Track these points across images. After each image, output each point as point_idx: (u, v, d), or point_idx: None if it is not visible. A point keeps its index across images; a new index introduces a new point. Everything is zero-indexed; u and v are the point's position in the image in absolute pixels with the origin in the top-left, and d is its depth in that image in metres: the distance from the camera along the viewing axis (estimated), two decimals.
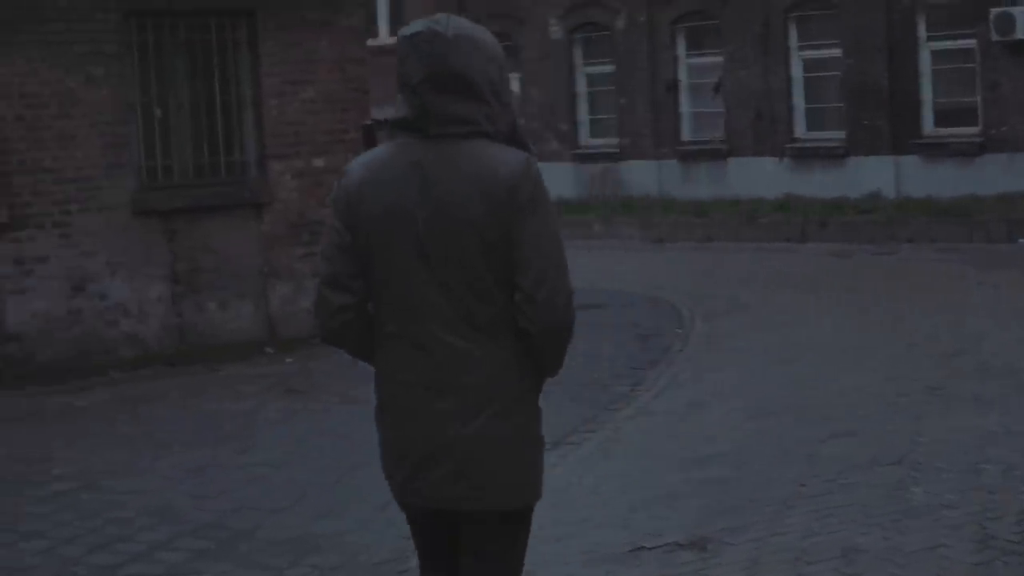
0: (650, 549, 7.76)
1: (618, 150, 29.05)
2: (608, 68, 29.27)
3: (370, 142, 16.18)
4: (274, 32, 15.38)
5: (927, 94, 24.82)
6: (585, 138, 30.01)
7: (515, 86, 30.84)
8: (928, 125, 24.82)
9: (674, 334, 15.51)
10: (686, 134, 28.29)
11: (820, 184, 25.54)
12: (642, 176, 28.36)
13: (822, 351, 13.97)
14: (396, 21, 30.90)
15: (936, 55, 24.74)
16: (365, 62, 16.19)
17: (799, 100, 26.56)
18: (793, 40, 26.48)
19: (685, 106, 28.34)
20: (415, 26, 4.36)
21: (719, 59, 27.45)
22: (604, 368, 13.68)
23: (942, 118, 24.70)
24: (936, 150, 24.50)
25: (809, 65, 26.45)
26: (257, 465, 10.22)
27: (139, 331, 14.46)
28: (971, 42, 24.13)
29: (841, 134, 25.82)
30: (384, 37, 30.02)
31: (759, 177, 26.42)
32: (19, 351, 13.87)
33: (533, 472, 4.45)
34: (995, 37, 23.32)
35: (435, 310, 4.28)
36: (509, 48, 30.92)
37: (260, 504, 9.10)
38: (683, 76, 28.31)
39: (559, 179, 29.30)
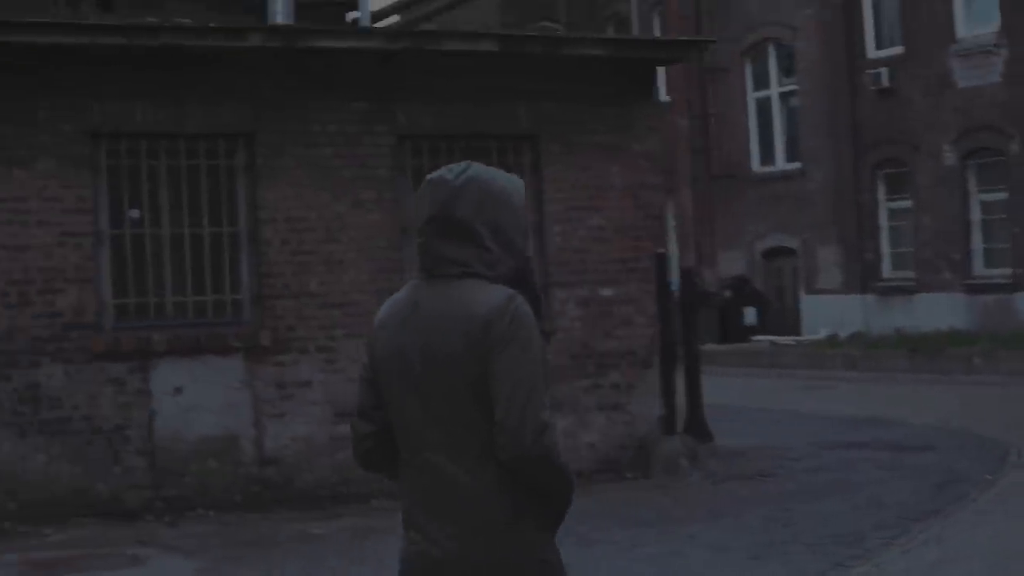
0: None
1: (1011, 281, 27.41)
2: (1002, 195, 27.75)
3: (662, 273, 15.60)
4: (559, 156, 15.03)
5: None
6: (979, 268, 28.47)
7: (906, 215, 29.71)
8: None
9: (983, 481, 14.23)
10: None
11: None
12: None
13: None
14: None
15: None
16: (659, 188, 15.63)
17: None
18: None
19: None
20: (434, 173, 4.65)
21: None
22: (871, 516, 12.62)
23: None
24: None
25: None
26: None
27: None
28: None
29: None
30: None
31: None
32: (278, 475, 13.82)
33: None
34: None
35: (430, 440, 4.53)
36: (903, 175, 29.88)
37: None
38: None
39: (948, 310, 27.96)
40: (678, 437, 15.68)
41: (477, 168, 4.62)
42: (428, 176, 4.65)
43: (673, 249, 26.81)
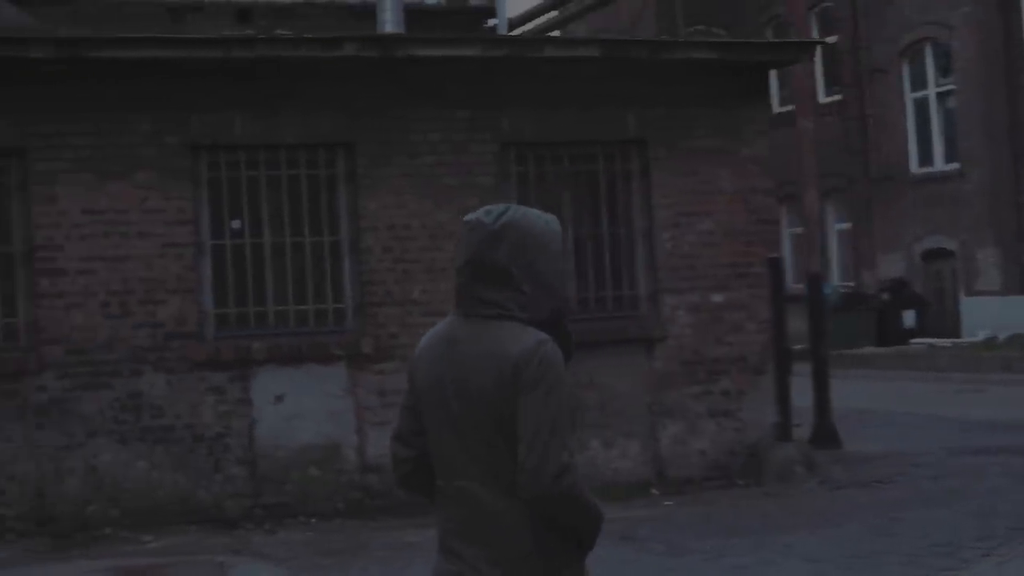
0: None
1: None
2: None
3: (777, 278, 15.33)
4: (667, 161, 14.84)
5: None
6: None
7: None
8: None
9: None
10: None
11: None
12: None
13: None
14: None
15: None
16: (771, 192, 15.37)
17: None
18: None
19: None
20: (472, 214, 4.84)
21: None
22: (979, 525, 12.26)
23: None
24: None
25: None
26: None
27: None
28: None
29: None
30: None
31: None
32: (379, 483, 13.83)
33: None
34: None
35: (465, 469, 4.73)
36: None
37: None
38: None
39: None
40: (793, 444, 15.37)
41: (515, 211, 4.78)
42: (466, 218, 4.82)
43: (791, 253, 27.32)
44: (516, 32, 24.22)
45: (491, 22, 22.34)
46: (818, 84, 34.82)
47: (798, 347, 17.14)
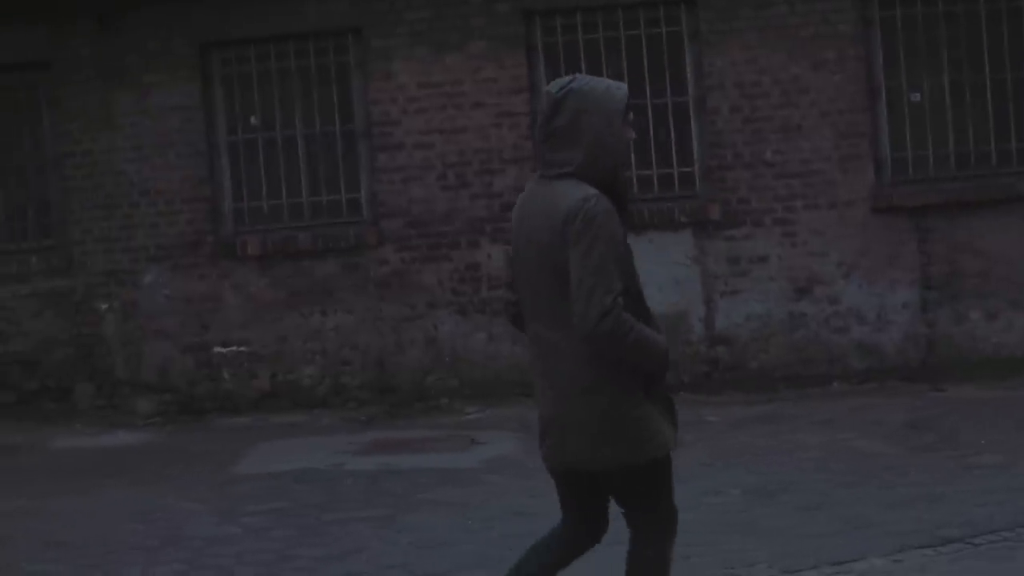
0: None
1: None
2: None
3: None
4: None
5: None
6: None
7: None
8: None
9: None
10: None
11: None
12: None
13: None
14: None
15: None
16: None
17: None
18: None
19: None
20: (548, 85, 5.50)
21: None
22: None
23: None
24: None
25: None
26: None
27: (877, 340, 13.01)
28: None
29: None
30: None
31: None
32: (728, 355, 13.13)
33: (619, 443, 5.22)
34: None
35: (537, 312, 5.34)
36: None
37: None
38: None
39: None
40: None
41: (580, 80, 5.34)
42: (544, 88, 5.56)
43: None
44: None
45: None
46: None
47: None
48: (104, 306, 13.65)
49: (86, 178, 13.71)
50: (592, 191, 5.15)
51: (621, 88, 5.35)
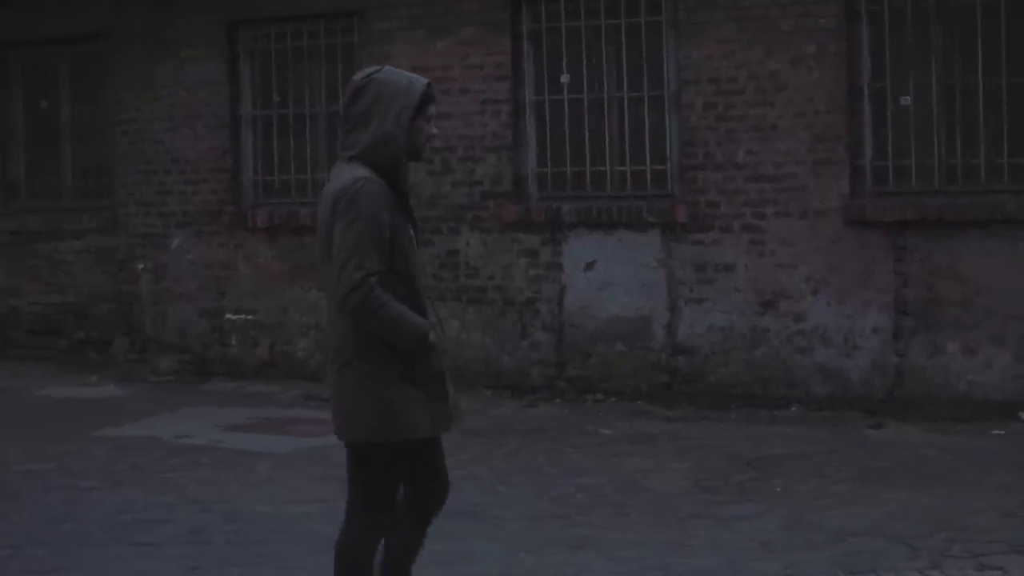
0: None
1: None
2: None
3: None
4: None
5: None
6: None
7: None
8: None
9: None
10: None
11: None
12: None
13: None
14: None
15: None
16: None
17: None
18: None
19: None
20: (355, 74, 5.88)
21: None
22: None
23: None
24: None
25: None
26: None
27: (842, 366, 11.96)
28: None
29: None
30: None
31: None
32: (688, 367, 12.47)
33: (362, 420, 5.52)
34: None
35: (326, 287, 5.70)
36: None
37: None
38: None
39: None
40: None
41: (386, 71, 5.68)
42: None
43: None
44: None
45: None
46: None
47: None
48: (140, 266, 14.59)
49: (132, 144, 14.66)
50: (364, 173, 5.47)
51: (422, 83, 5.61)
